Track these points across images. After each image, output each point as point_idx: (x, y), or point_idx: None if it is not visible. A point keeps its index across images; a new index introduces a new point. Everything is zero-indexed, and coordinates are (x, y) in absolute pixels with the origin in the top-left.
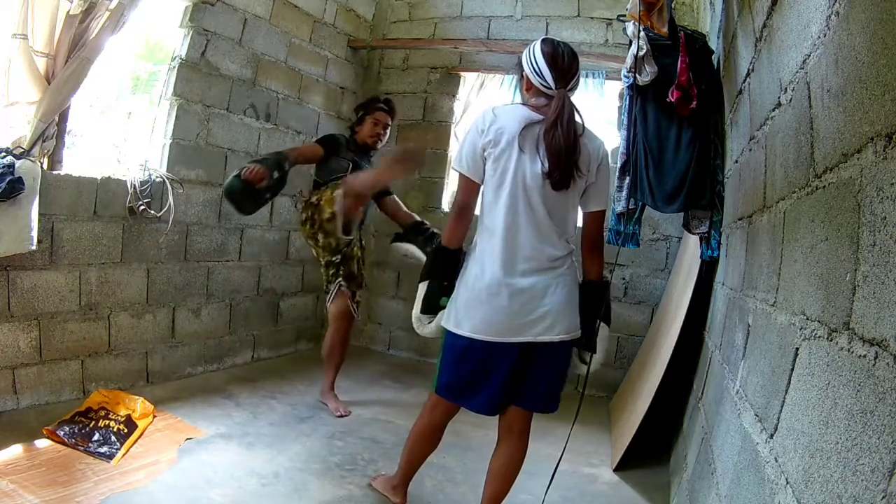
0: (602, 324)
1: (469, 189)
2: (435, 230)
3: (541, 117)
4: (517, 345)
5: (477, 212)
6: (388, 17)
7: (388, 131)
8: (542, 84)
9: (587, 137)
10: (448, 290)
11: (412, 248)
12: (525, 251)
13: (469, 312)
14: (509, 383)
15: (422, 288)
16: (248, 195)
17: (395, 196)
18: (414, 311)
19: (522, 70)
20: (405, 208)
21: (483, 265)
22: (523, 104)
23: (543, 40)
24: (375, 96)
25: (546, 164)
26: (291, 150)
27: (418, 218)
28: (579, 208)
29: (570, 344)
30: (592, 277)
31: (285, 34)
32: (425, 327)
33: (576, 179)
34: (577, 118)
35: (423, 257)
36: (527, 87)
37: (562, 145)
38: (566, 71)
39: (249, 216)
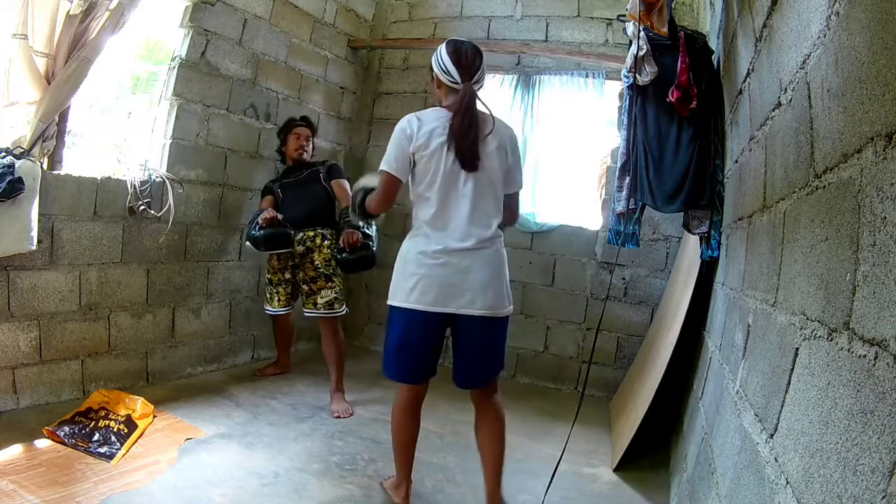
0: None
1: (396, 186)
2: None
3: None
4: (443, 316)
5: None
6: (388, 17)
7: (311, 142)
8: (450, 81)
9: (497, 124)
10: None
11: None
12: (456, 234)
13: (407, 286)
14: (435, 351)
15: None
16: (283, 230)
17: (345, 182)
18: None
19: (433, 72)
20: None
21: (420, 248)
22: (441, 107)
23: (447, 42)
24: (292, 118)
25: (455, 149)
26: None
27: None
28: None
29: (493, 321)
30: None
31: (285, 34)
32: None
33: (483, 160)
34: (480, 106)
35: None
36: (437, 85)
37: (465, 130)
38: (470, 66)
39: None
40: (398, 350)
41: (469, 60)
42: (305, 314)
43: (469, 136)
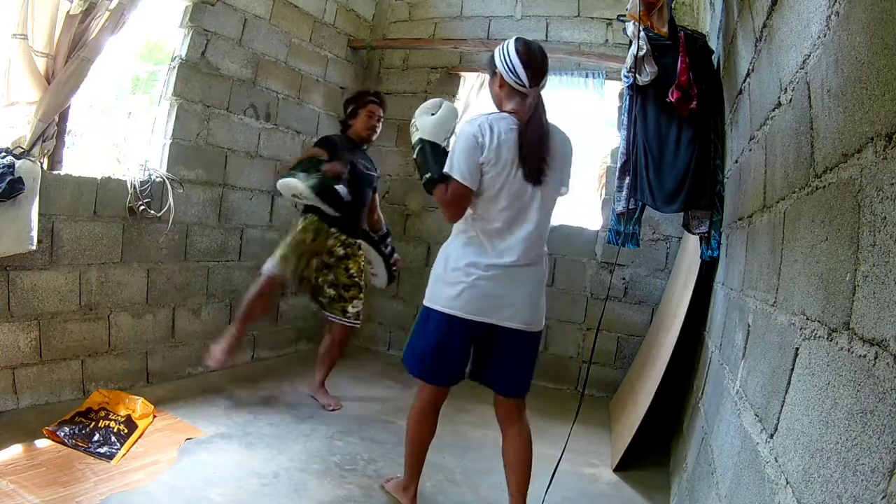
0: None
1: (469, 197)
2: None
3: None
4: (483, 325)
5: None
6: (388, 17)
7: (381, 123)
8: (516, 82)
9: (555, 133)
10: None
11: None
12: (513, 252)
13: (451, 292)
14: (467, 358)
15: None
16: (343, 194)
17: (377, 196)
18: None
19: (495, 68)
20: (379, 211)
21: (471, 259)
22: (506, 113)
23: (517, 39)
24: (365, 90)
25: (523, 162)
26: (304, 155)
27: (383, 227)
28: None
29: (529, 335)
30: None
31: (285, 34)
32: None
33: (546, 174)
34: (546, 116)
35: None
36: (500, 84)
37: (535, 142)
38: (539, 69)
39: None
40: (434, 353)
41: (539, 63)
42: (329, 318)
43: (540, 150)
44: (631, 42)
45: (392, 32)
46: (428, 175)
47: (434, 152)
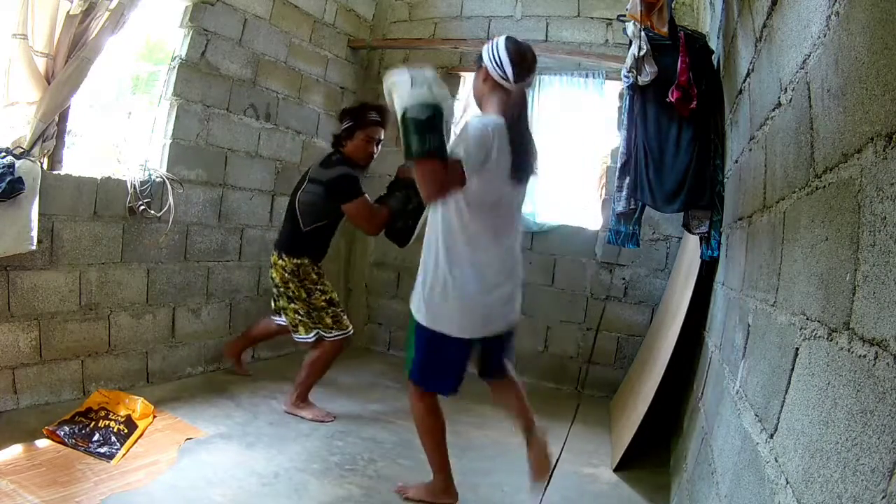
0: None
1: (461, 181)
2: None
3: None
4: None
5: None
6: (388, 17)
7: (380, 146)
8: (500, 76)
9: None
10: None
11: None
12: (509, 261)
13: (454, 316)
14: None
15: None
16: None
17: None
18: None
19: (481, 62)
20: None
21: (480, 276)
22: (496, 116)
23: (507, 37)
24: (364, 103)
25: (513, 163)
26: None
27: None
28: None
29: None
30: None
31: (285, 34)
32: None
33: (532, 173)
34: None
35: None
36: (483, 78)
37: (525, 142)
38: (526, 67)
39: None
40: (451, 372)
41: (528, 61)
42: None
43: (530, 149)
44: (631, 42)
45: (392, 32)
46: (428, 147)
47: (442, 124)
